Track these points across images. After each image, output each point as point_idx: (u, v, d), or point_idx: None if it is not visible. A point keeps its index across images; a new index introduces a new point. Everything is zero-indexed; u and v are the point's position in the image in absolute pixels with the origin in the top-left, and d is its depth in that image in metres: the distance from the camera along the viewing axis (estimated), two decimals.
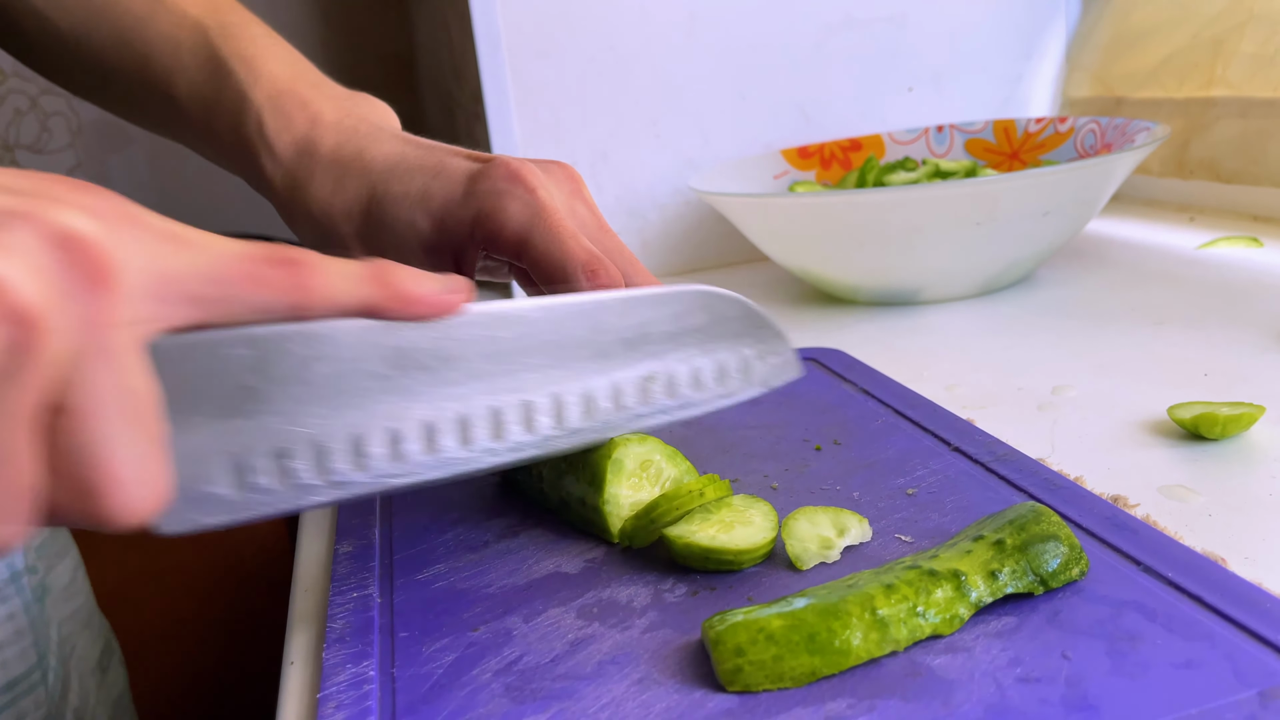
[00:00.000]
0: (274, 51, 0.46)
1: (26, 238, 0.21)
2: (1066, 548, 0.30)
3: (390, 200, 0.42)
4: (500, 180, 0.40)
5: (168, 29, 0.46)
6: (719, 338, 0.38)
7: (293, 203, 0.44)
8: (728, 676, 0.27)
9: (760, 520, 0.35)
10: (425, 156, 0.42)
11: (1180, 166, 0.73)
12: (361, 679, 0.30)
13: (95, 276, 0.22)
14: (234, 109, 0.45)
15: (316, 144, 0.43)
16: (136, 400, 0.23)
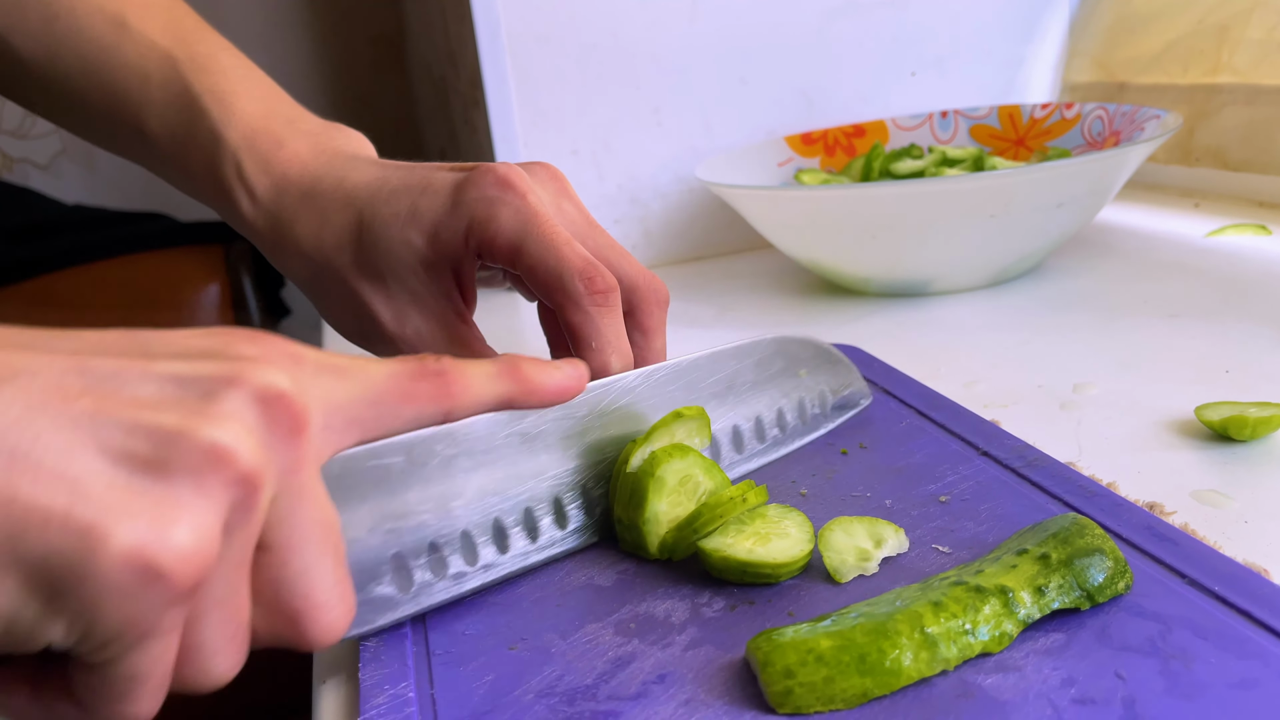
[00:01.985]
0: (246, 86, 0.46)
1: (239, 403, 0.23)
2: (1112, 561, 0.30)
3: (380, 223, 0.42)
4: (489, 188, 0.40)
5: (135, 59, 0.45)
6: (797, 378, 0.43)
7: (280, 243, 0.44)
8: (778, 699, 0.27)
9: (796, 532, 0.34)
10: (408, 176, 0.42)
11: (1186, 154, 0.73)
12: (401, 700, 0.29)
13: (294, 427, 0.24)
14: (208, 149, 0.44)
15: (296, 182, 0.43)
16: (326, 529, 0.26)
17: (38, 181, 1.17)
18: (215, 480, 0.22)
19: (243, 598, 0.24)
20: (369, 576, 0.31)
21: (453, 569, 0.33)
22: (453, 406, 0.29)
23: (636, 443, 0.37)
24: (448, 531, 0.33)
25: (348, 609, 0.26)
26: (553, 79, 0.74)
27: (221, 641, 0.24)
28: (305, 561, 0.25)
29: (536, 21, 0.72)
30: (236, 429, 0.23)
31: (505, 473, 0.34)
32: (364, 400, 0.27)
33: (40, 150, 1.16)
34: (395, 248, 0.42)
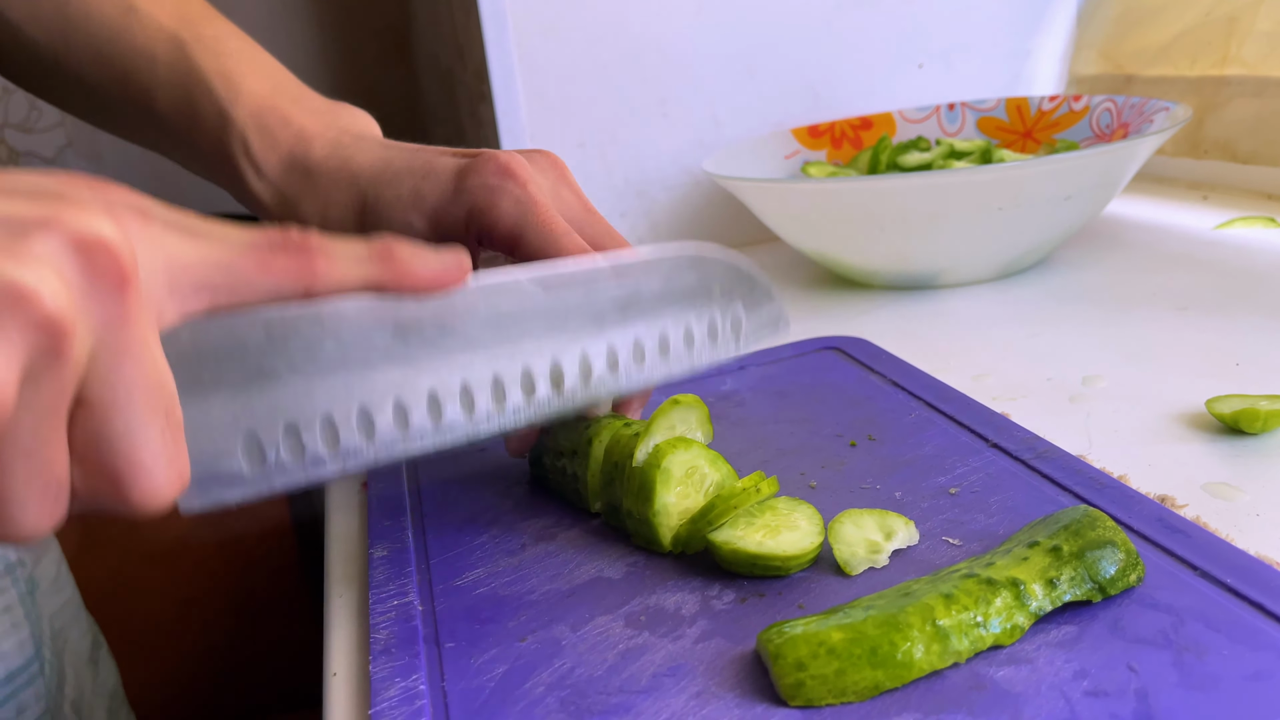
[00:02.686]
0: (253, 65, 0.46)
1: (51, 245, 0.22)
2: (1123, 554, 0.30)
3: (383, 205, 0.42)
4: (490, 175, 0.40)
5: (143, 42, 0.46)
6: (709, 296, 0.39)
7: (286, 218, 0.44)
8: (789, 691, 0.27)
9: (806, 524, 0.34)
10: (412, 159, 0.43)
11: (1194, 146, 0.73)
12: (412, 693, 0.29)
13: (116, 278, 0.23)
14: (216, 127, 0.44)
15: (303, 160, 0.43)
16: (155, 390, 0.24)
17: None
18: (12, 321, 0.21)
19: (54, 451, 0.23)
20: (216, 450, 0.30)
21: (311, 452, 0.31)
22: (314, 282, 0.28)
23: (640, 436, 0.37)
24: (308, 414, 0.31)
25: (176, 475, 0.25)
26: (559, 71, 0.73)
27: (29, 494, 0.23)
28: (128, 421, 0.24)
29: (543, 14, 0.72)
30: (42, 271, 0.21)
31: (377, 360, 0.32)
32: (215, 264, 0.26)
33: (46, 144, 1.16)
34: (397, 229, 0.42)
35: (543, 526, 0.39)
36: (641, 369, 0.38)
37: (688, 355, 0.39)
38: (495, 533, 0.39)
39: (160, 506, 0.25)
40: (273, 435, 0.31)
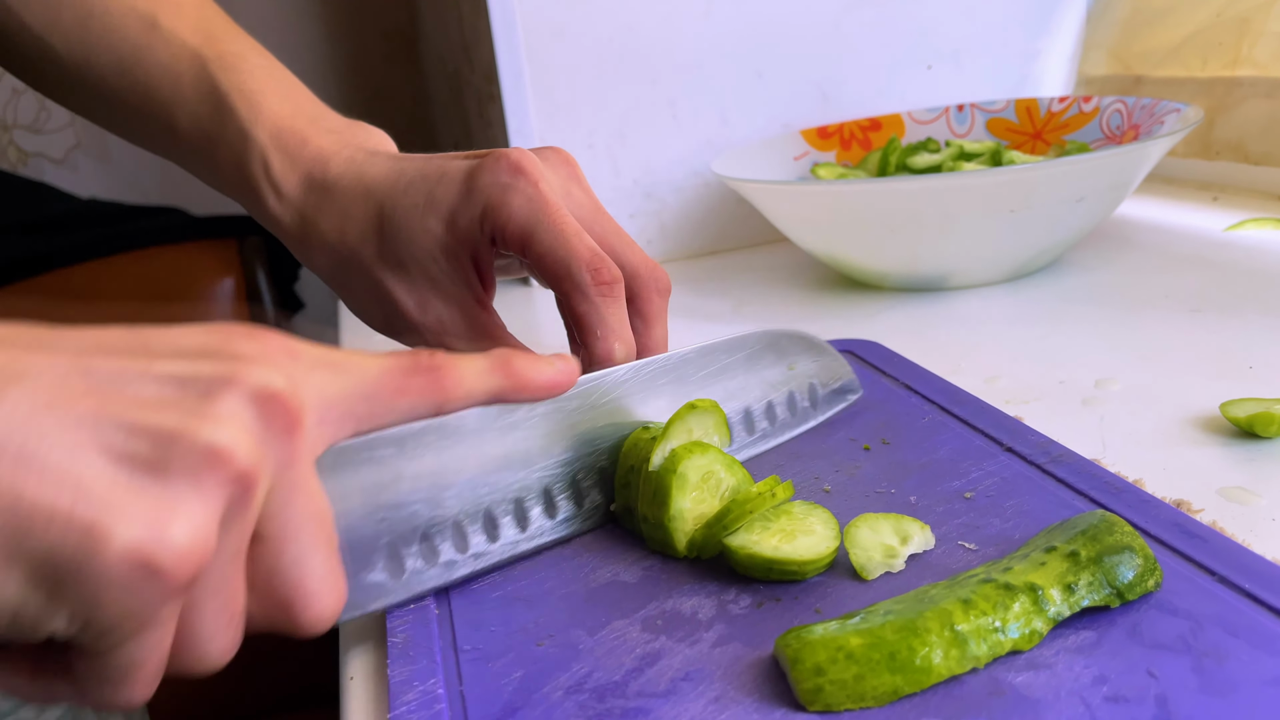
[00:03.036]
0: (273, 85, 0.47)
1: (235, 403, 0.24)
2: (1141, 559, 0.30)
3: (401, 213, 0.43)
4: (503, 173, 0.41)
5: (166, 59, 0.46)
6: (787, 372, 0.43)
7: (305, 238, 0.45)
8: (808, 696, 0.27)
9: (821, 529, 0.34)
10: (425, 165, 0.44)
11: (1205, 147, 0.73)
12: (431, 698, 0.29)
13: (289, 425, 0.25)
14: (236, 147, 0.46)
15: (321, 180, 0.45)
16: (319, 520, 0.26)
17: (53, 176, 1.17)
18: (212, 480, 0.23)
19: (238, 587, 0.25)
20: (362, 564, 0.32)
21: (444, 557, 0.34)
22: (445, 400, 0.30)
23: (656, 440, 0.37)
24: (439, 520, 0.34)
25: (339, 597, 0.27)
26: (568, 73, 0.73)
27: (216, 628, 0.25)
28: (298, 552, 0.26)
29: (552, 15, 0.72)
30: (233, 429, 0.23)
31: (496, 464, 0.35)
32: (358, 395, 0.28)
33: (55, 144, 1.16)
34: (416, 236, 0.43)
35: None
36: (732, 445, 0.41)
37: (771, 429, 0.43)
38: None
39: (326, 626, 0.28)
40: (410, 545, 0.33)
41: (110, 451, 0.22)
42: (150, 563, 0.22)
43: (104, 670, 0.24)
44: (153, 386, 0.24)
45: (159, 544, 0.22)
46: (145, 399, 0.23)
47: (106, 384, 0.23)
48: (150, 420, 0.23)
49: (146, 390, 0.23)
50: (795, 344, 0.43)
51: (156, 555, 0.22)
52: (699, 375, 0.40)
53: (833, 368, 0.45)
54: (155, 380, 0.24)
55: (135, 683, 0.24)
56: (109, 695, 0.25)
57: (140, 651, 0.24)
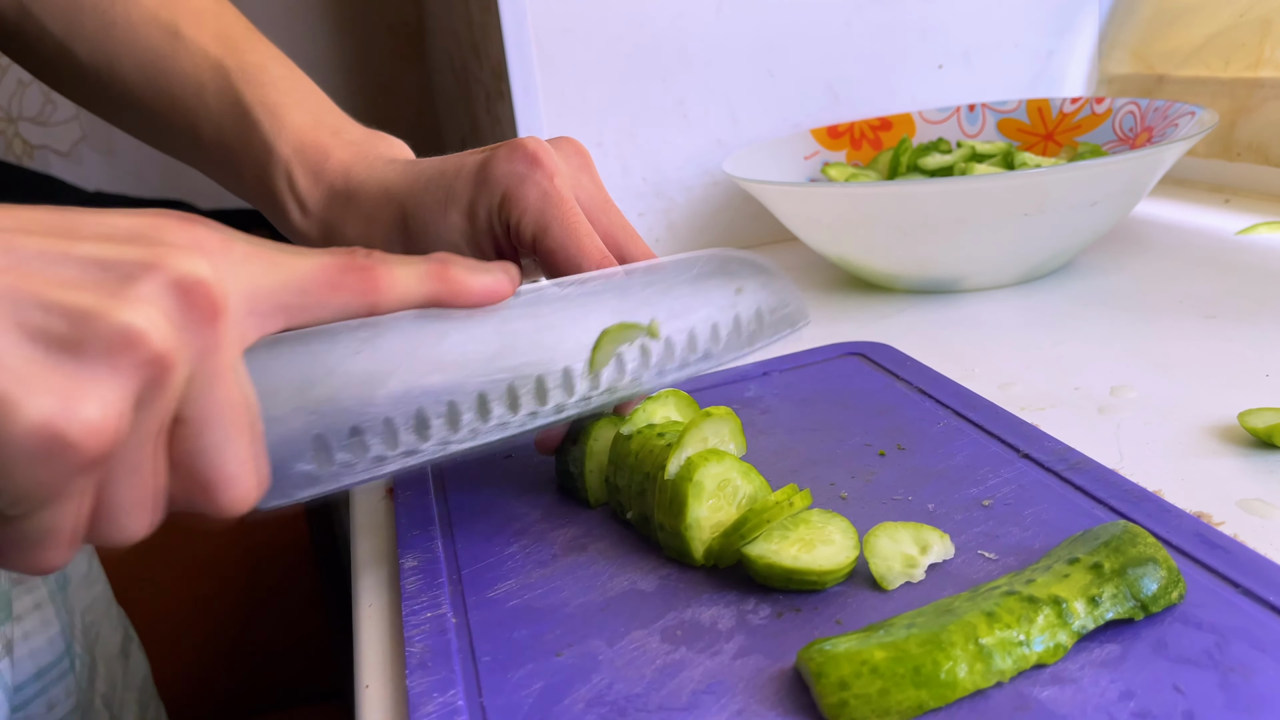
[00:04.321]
0: (295, 96, 0.47)
1: (155, 287, 0.24)
2: (1165, 571, 0.30)
3: (423, 210, 0.43)
4: (519, 163, 0.41)
5: (189, 69, 0.47)
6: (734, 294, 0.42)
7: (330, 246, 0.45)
8: (833, 711, 0.27)
9: (840, 538, 0.34)
10: (442, 164, 0.44)
11: (1226, 148, 0.72)
12: (451, 709, 0.29)
13: (210, 313, 0.25)
14: (260, 160, 0.46)
15: (344, 190, 0.45)
16: (241, 407, 0.27)
17: (59, 168, 1.16)
18: (126, 360, 0.23)
19: (156, 465, 0.26)
20: (291, 454, 0.32)
21: (373, 452, 0.34)
22: (378, 300, 0.30)
23: (672, 448, 0.37)
24: (370, 417, 0.34)
25: (258, 482, 0.28)
26: (578, 71, 0.73)
27: (133, 504, 0.26)
28: (218, 436, 0.27)
29: (562, 13, 0.72)
30: (150, 312, 0.24)
31: (430, 366, 0.35)
32: (290, 288, 0.28)
33: (61, 137, 1.16)
34: (439, 231, 0.43)
35: (572, 537, 0.39)
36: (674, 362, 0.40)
37: (716, 350, 0.42)
38: (525, 543, 0.39)
39: (245, 509, 0.28)
40: (339, 439, 0.33)
41: (26, 328, 0.23)
42: (59, 436, 0.22)
43: (19, 536, 0.25)
44: (75, 267, 0.24)
45: (68, 419, 0.23)
46: (66, 279, 0.24)
47: (27, 262, 0.24)
48: (68, 299, 0.23)
49: (68, 270, 0.24)
50: (744, 267, 0.42)
51: (66, 430, 0.23)
52: (644, 292, 0.40)
53: (781, 294, 0.44)
54: (78, 261, 0.24)
55: (50, 548, 0.25)
56: (25, 560, 0.26)
57: (53, 519, 0.25)
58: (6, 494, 0.23)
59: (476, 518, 0.41)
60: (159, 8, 0.48)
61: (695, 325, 0.41)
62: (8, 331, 0.23)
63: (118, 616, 0.64)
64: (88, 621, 0.59)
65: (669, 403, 0.41)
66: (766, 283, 0.43)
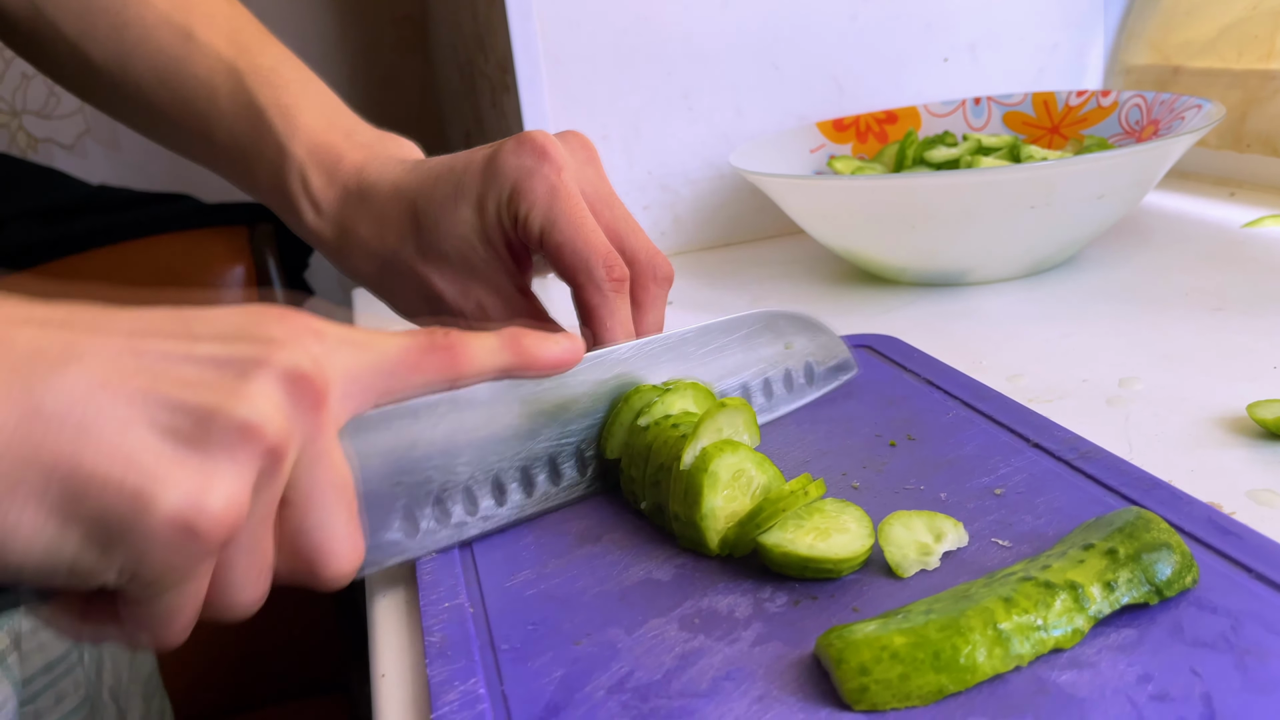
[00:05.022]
0: (308, 98, 0.48)
1: (267, 382, 0.26)
2: (1179, 556, 0.30)
3: (434, 206, 0.44)
4: (528, 156, 0.42)
5: (203, 72, 0.48)
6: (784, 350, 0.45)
7: (345, 247, 0.47)
8: (853, 696, 0.27)
9: (855, 527, 0.34)
10: (451, 161, 0.45)
11: (1237, 140, 0.73)
12: (473, 697, 0.29)
13: (315, 401, 0.27)
14: (274, 162, 0.47)
15: (357, 191, 0.47)
16: (341, 486, 0.29)
17: (62, 162, 1.16)
18: (246, 452, 0.25)
19: (267, 545, 0.28)
20: (380, 524, 0.35)
21: (455, 518, 0.37)
22: (458, 376, 0.32)
23: (687, 439, 0.37)
24: (451, 485, 0.36)
25: (358, 555, 0.30)
26: (583, 64, 0.73)
27: (247, 581, 0.28)
28: (321, 514, 0.28)
29: (568, 6, 0.72)
30: (265, 407, 0.26)
31: (505, 434, 0.37)
32: (378, 371, 0.30)
33: (65, 130, 1.16)
34: (451, 226, 0.44)
35: (586, 527, 0.39)
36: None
37: (768, 405, 0.45)
38: (539, 533, 0.39)
39: (347, 580, 0.30)
40: (424, 507, 0.36)
41: (156, 426, 0.25)
42: (191, 526, 0.24)
43: (147, 615, 0.27)
44: (194, 367, 0.26)
45: (199, 509, 0.24)
46: (187, 378, 0.26)
47: (153, 364, 0.26)
48: (192, 398, 0.25)
49: (188, 371, 0.26)
50: (793, 324, 0.45)
51: (196, 519, 0.24)
52: (699, 353, 0.42)
53: (829, 346, 0.47)
54: (196, 361, 0.26)
55: (173, 626, 0.27)
56: (150, 636, 0.28)
57: (179, 600, 0.27)
58: (141, 578, 0.25)
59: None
60: (172, 10, 0.48)
61: (749, 381, 0.44)
62: (141, 430, 0.24)
63: None
64: None
65: (687, 395, 0.41)
66: (814, 337, 0.46)
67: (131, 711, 0.63)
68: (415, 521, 0.36)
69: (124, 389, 0.25)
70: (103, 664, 0.59)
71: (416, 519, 0.36)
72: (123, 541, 0.24)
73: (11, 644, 0.50)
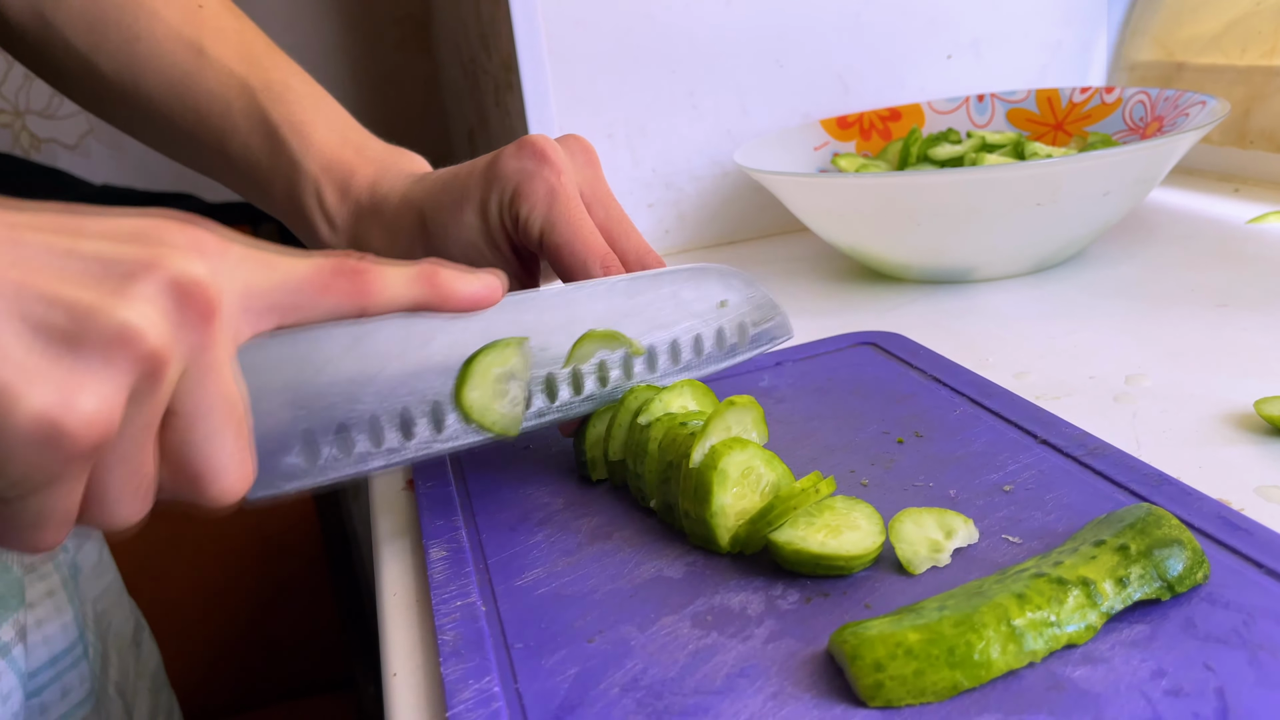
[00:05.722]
0: (320, 113, 0.49)
1: (153, 286, 0.25)
2: (1190, 552, 0.30)
3: (441, 212, 0.45)
4: (528, 159, 0.43)
5: (215, 87, 0.48)
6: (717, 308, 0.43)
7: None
8: (869, 692, 0.27)
9: (866, 524, 0.34)
10: (456, 169, 0.46)
11: (1241, 136, 0.73)
12: (487, 695, 0.29)
13: (205, 312, 0.26)
14: (289, 178, 0.48)
15: (369, 205, 0.47)
16: (231, 403, 0.28)
17: (66, 162, 1.16)
18: (122, 356, 0.24)
19: (147, 455, 0.27)
20: (278, 447, 0.34)
21: (358, 448, 0.36)
22: (367, 303, 0.31)
23: (696, 437, 0.37)
24: (355, 415, 0.35)
25: (245, 475, 0.29)
26: (588, 62, 0.73)
27: (125, 492, 0.27)
28: (208, 430, 0.28)
29: (572, 4, 0.72)
30: (147, 311, 0.25)
31: (416, 369, 0.36)
32: (283, 289, 0.29)
33: (68, 130, 1.16)
34: (457, 231, 0.45)
35: (596, 525, 0.39)
36: (654, 373, 0.42)
37: (697, 361, 0.44)
38: (549, 531, 0.39)
39: (232, 501, 0.29)
40: (326, 435, 0.35)
41: (29, 320, 0.24)
42: (56, 427, 0.24)
43: (15, 516, 0.26)
44: (77, 264, 0.25)
45: (66, 410, 0.24)
46: (68, 274, 0.24)
47: (33, 256, 0.24)
48: (70, 295, 0.24)
49: (71, 266, 0.25)
50: (726, 280, 0.44)
51: (63, 420, 0.24)
52: (628, 303, 0.41)
53: (764, 308, 0.45)
54: (80, 258, 0.25)
55: (43, 529, 0.27)
56: (19, 539, 0.27)
57: (48, 503, 0.26)
58: (4, 477, 0.25)
59: (499, 508, 0.41)
60: (183, 25, 0.49)
61: (678, 336, 0.42)
62: (12, 324, 0.23)
63: (129, 606, 0.64)
64: (99, 610, 0.59)
65: (685, 392, 0.41)
66: (750, 296, 0.44)
67: (138, 707, 0.63)
68: (315, 448, 0.35)
69: None
70: (108, 659, 0.59)
71: (317, 445, 0.35)
72: None
73: (17, 635, 0.50)
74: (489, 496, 0.42)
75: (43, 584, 0.53)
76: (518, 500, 0.42)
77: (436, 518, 0.41)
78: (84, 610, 0.57)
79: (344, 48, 1.18)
